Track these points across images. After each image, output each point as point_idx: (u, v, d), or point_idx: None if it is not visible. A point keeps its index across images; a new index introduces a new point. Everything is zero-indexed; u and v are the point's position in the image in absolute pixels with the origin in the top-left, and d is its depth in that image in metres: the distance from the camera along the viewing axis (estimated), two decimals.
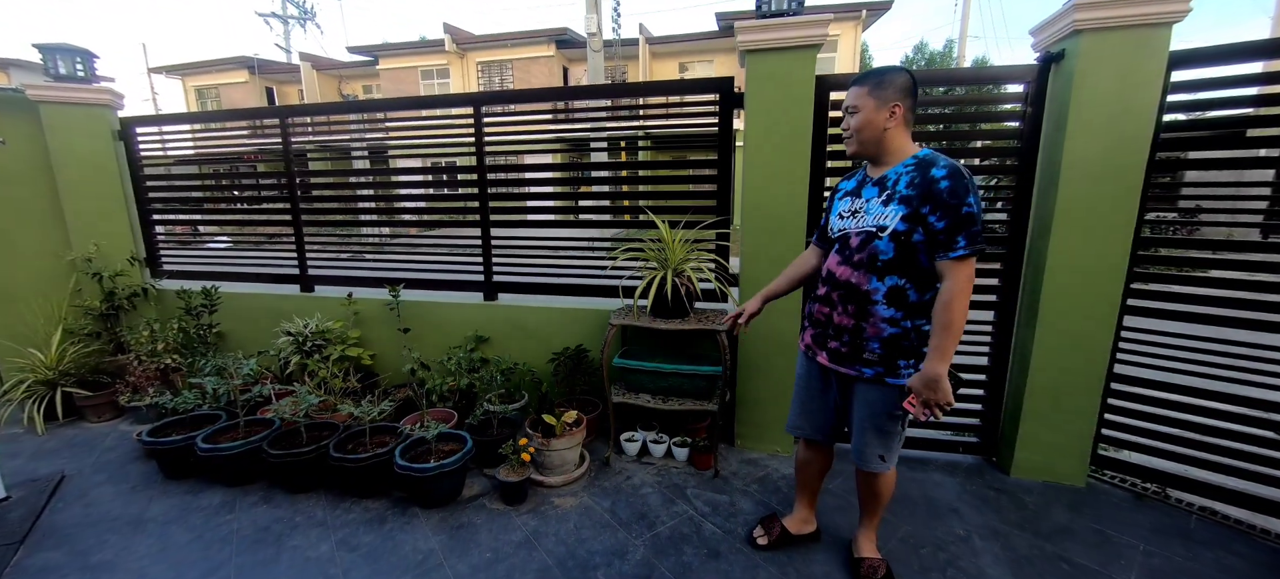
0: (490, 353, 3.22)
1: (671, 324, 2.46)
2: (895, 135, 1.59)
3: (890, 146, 1.60)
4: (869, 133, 1.60)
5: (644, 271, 2.57)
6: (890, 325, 1.58)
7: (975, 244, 1.44)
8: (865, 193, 1.66)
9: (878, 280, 1.58)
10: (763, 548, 2.08)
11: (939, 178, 1.47)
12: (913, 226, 1.51)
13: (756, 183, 2.56)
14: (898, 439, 1.73)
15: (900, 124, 1.58)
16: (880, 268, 1.58)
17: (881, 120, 1.57)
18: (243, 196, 4.11)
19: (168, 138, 3.74)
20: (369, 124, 3.44)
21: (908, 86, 1.57)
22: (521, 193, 3.30)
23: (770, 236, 2.58)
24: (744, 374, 2.78)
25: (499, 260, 3.23)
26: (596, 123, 3.00)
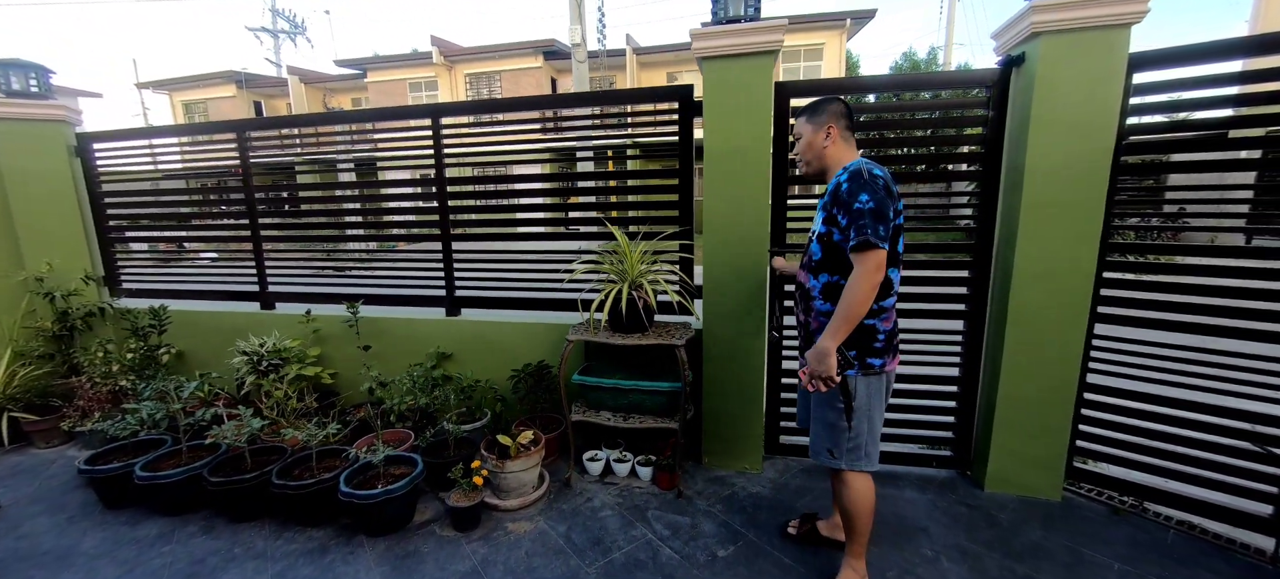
0: (454, 369, 3.12)
1: (629, 339, 2.37)
2: (833, 151, 1.76)
3: (830, 161, 1.77)
4: (810, 152, 1.80)
5: (603, 285, 2.48)
6: (826, 317, 1.70)
7: (863, 234, 1.53)
8: (818, 206, 1.84)
9: (814, 278, 1.76)
10: (790, 537, 2.19)
11: (842, 181, 1.64)
12: (830, 228, 1.68)
13: (717, 192, 2.49)
14: (844, 434, 1.73)
15: (837, 141, 1.75)
16: (814, 266, 1.76)
17: (819, 141, 1.76)
18: (203, 212, 4.01)
19: (126, 153, 3.65)
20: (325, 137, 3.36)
21: (839, 110, 1.77)
22: (483, 205, 3.22)
23: (732, 246, 2.51)
24: (711, 389, 2.69)
25: (461, 275, 3.14)
26: (557, 134, 2.93)
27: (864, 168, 1.60)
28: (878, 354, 1.69)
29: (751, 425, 2.70)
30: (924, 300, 2.54)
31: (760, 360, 2.61)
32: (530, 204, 3.09)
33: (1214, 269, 2.07)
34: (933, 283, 2.55)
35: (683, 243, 2.71)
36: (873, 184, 1.56)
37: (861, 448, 1.74)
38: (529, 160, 2.96)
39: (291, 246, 3.65)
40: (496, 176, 3.13)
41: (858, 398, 1.70)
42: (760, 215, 2.47)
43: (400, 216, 3.58)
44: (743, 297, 2.54)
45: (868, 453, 1.76)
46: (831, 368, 1.57)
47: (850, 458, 1.75)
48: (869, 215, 1.53)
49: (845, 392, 1.67)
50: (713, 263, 2.56)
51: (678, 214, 2.71)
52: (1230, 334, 2.07)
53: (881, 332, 1.69)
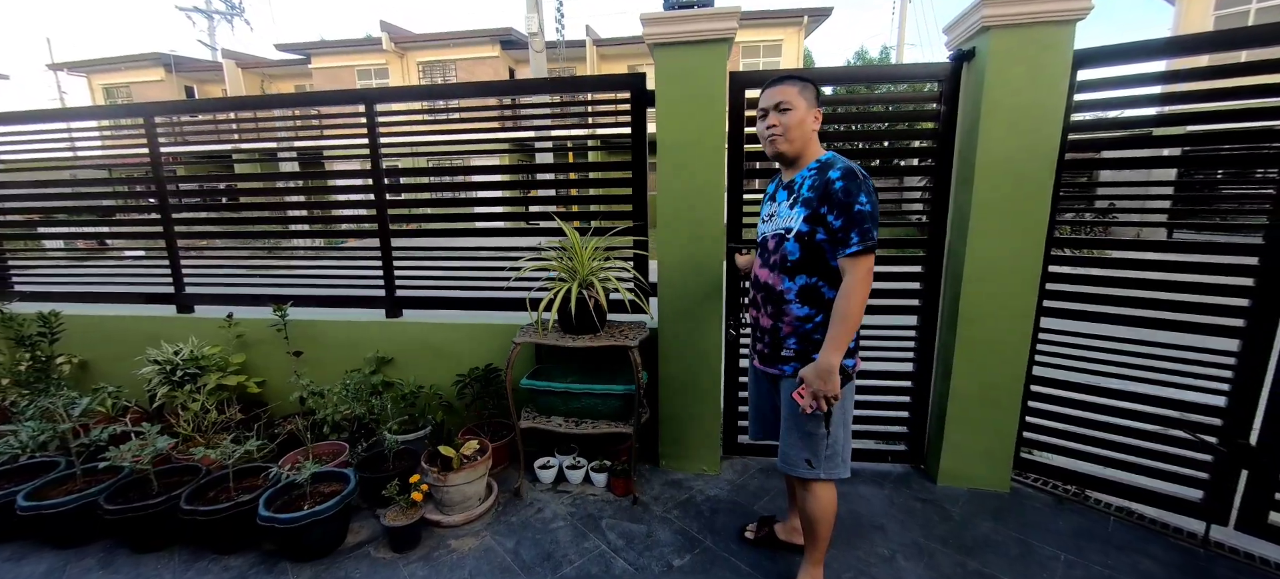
0: (395, 375, 2.92)
1: (580, 341, 2.25)
2: (814, 138, 1.65)
3: (808, 150, 1.65)
4: (799, 133, 1.61)
5: (553, 284, 2.35)
6: (804, 322, 1.62)
7: (867, 240, 1.47)
8: (779, 196, 1.71)
9: (789, 280, 1.63)
10: (748, 542, 2.12)
11: (835, 179, 1.52)
12: (814, 227, 1.56)
13: (671, 186, 2.39)
14: (823, 442, 1.64)
15: (817, 128, 1.65)
16: (790, 268, 1.62)
17: (810, 122, 1.62)
18: (108, 206, 3.61)
19: (15, 139, 3.24)
20: (247, 125, 3.07)
21: (819, 95, 1.67)
22: (426, 199, 3.02)
23: (688, 242, 2.42)
24: (667, 390, 2.60)
25: (402, 274, 2.93)
26: (503, 124, 2.76)
27: (856, 168, 1.52)
28: (851, 355, 1.62)
29: (709, 426, 2.63)
30: (879, 296, 2.52)
31: (717, 359, 2.54)
32: (476, 198, 2.90)
33: (1146, 262, 2.13)
34: (887, 278, 2.53)
35: (637, 239, 2.61)
36: (868, 186, 1.50)
37: (839, 455, 1.66)
38: (474, 151, 2.78)
39: (213, 244, 3.34)
40: (438, 168, 2.93)
41: (833, 407, 1.59)
42: (715, 209, 2.39)
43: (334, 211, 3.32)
44: (698, 294, 2.46)
45: (844, 459, 1.68)
46: (837, 385, 1.49)
47: (829, 466, 1.66)
48: (870, 220, 1.48)
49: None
50: (667, 259, 2.47)
51: (631, 209, 2.60)
52: (1164, 326, 2.13)
53: (857, 336, 1.63)
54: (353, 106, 2.76)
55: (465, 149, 2.79)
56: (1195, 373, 2.07)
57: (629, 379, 2.41)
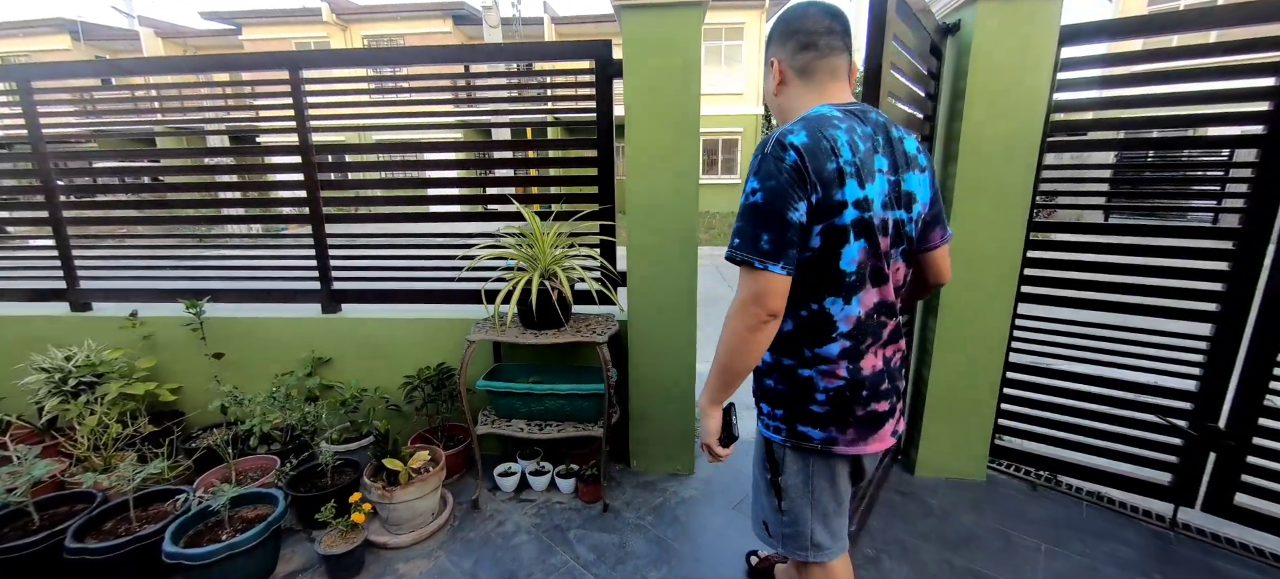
0: (335, 377, 2.62)
1: (542, 338, 2.03)
2: (784, 102, 1.13)
3: (791, 115, 1.09)
4: (772, 109, 1.18)
5: (511, 275, 2.11)
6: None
7: (732, 246, 0.97)
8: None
9: None
10: (753, 568, 1.87)
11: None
12: None
13: (641, 166, 2.19)
14: (773, 507, 1.20)
15: (784, 83, 1.11)
16: None
17: (769, 87, 1.15)
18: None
19: None
20: (160, 98, 2.66)
21: (784, 30, 1.10)
22: (365, 180, 2.70)
23: (658, 230, 2.24)
24: (638, 387, 2.43)
25: (340, 263, 2.62)
26: (453, 94, 2.48)
27: (774, 137, 0.99)
28: (818, 422, 1.09)
29: (683, 423, 2.47)
30: None
31: (691, 353, 2.38)
32: (424, 178, 2.61)
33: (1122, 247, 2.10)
34: None
35: (604, 224, 2.40)
36: (770, 162, 0.96)
37: (802, 536, 1.19)
38: (421, 126, 2.49)
39: (116, 233, 2.90)
40: (382, 145, 2.61)
41: (786, 474, 1.16)
42: (690, 192, 2.21)
43: (255, 195, 2.94)
44: (671, 284, 2.29)
45: (815, 542, 1.19)
46: (708, 433, 1.14)
47: (786, 545, 1.22)
48: (747, 215, 0.98)
49: (772, 461, 1.19)
50: (638, 247, 2.27)
51: (598, 191, 2.39)
52: (1139, 311, 2.12)
53: (820, 389, 1.07)
54: (275, 73, 2.40)
55: (410, 123, 2.49)
56: (1168, 357, 2.06)
57: (597, 377, 2.22)
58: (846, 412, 1.07)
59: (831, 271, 1.00)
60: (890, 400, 1.12)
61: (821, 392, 1.07)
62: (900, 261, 1.12)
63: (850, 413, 1.08)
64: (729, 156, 16.65)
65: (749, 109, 16.06)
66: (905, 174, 1.08)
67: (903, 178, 1.07)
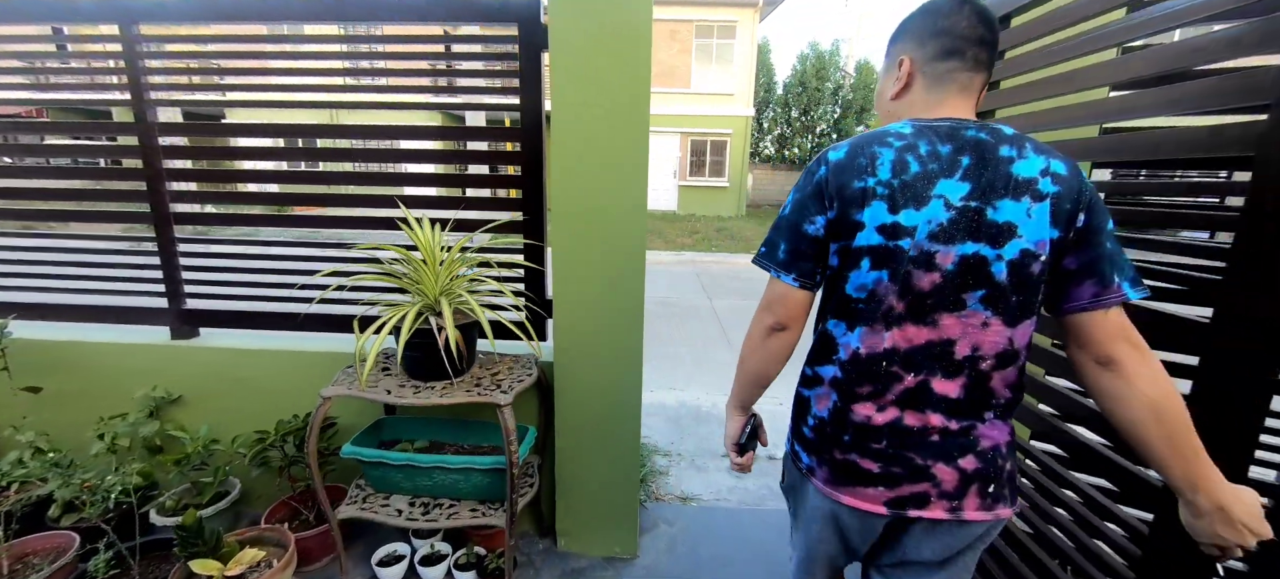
0: (192, 420, 2.06)
1: (424, 398, 1.49)
2: (898, 110, 0.97)
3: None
4: (880, 111, 1.04)
5: (392, 308, 1.57)
6: None
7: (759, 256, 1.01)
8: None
9: None
10: None
11: None
12: None
13: (568, 159, 1.67)
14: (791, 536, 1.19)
15: (908, 88, 0.95)
16: None
17: (887, 89, 1.00)
18: None
19: None
20: None
21: (926, 27, 0.92)
22: (230, 169, 2.14)
23: (592, 243, 1.72)
24: (566, 447, 1.91)
25: (198, 276, 2.06)
26: (335, 65, 1.93)
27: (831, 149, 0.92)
28: (807, 446, 1.02)
29: (625, 492, 1.96)
30: None
31: (636, 403, 1.87)
32: (300, 172, 2.05)
33: None
34: None
35: (530, 240, 1.87)
36: (805, 175, 0.94)
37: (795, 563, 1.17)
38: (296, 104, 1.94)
39: None
40: (243, 126, 2.04)
41: (785, 484, 1.16)
42: (635, 195, 1.69)
43: (80, 184, 2.35)
44: (612, 315, 1.77)
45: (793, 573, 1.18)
46: (727, 437, 1.17)
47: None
48: (775, 224, 0.98)
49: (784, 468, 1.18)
50: (565, 266, 1.75)
51: (521, 195, 1.86)
52: None
53: (812, 412, 1.00)
54: (103, 28, 1.84)
55: (284, 98, 1.94)
56: None
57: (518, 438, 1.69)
58: (825, 447, 0.99)
59: (840, 294, 0.93)
60: (884, 464, 0.93)
61: (812, 416, 1.01)
62: (986, 312, 0.85)
63: (828, 451, 0.99)
64: (718, 159, 16.18)
65: (739, 110, 15.62)
66: (999, 200, 0.82)
67: (990, 204, 0.83)
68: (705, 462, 2.78)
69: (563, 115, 1.64)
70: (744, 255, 10.14)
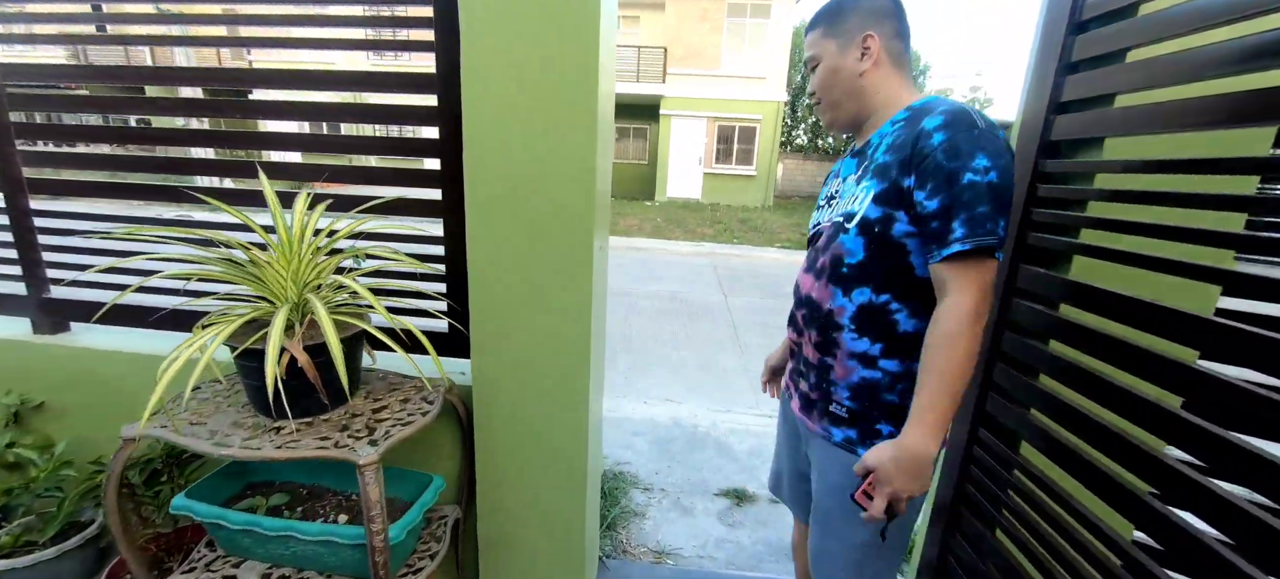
0: (57, 429, 1.71)
1: (250, 449, 1.05)
2: (879, 81, 1.04)
3: (875, 100, 1.05)
4: (838, 88, 1.07)
5: (231, 313, 1.14)
6: (864, 365, 1.02)
7: (980, 233, 0.85)
8: (845, 169, 1.14)
9: (844, 295, 1.03)
10: None
11: (932, 130, 0.90)
12: (891, 209, 0.95)
13: (497, 135, 1.21)
14: (874, 554, 1.07)
15: (883, 62, 1.03)
16: (846, 277, 1.02)
17: (850, 64, 1.04)
18: None
19: None
20: None
21: (886, 7, 1.03)
22: (101, 129, 1.73)
23: (520, 232, 1.26)
24: (491, 498, 1.47)
25: (66, 259, 1.69)
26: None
27: (973, 112, 0.90)
28: None
29: (571, 554, 1.52)
30: None
31: (582, 440, 1.42)
32: (172, 130, 1.63)
33: None
34: None
35: (450, 227, 1.42)
36: (992, 139, 0.88)
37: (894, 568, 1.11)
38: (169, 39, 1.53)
39: None
40: (117, 71, 1.63)
41: None
42: (583, 176, 1.22)
43: None
44: (548, 325, 1.32)
45: None
46: (928, 484, 0.92)
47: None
48: (991, 198, 0.86)
49: None
50: (485, 261, 1.30)
51: (440, 167, 1.40)
52: None
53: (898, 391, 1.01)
54: None
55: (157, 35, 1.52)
56: None
57: (416, 485, 1.26)
58: None
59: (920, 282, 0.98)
60: None
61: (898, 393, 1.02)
62: None
63: None
64: (746, 147, 15.45)
65: (772, 95, 14.82)
66: None
67: None
68: (693, 500, 2.31)
69: (484, 71, 1.18)
70: (768, 249, 9.53)
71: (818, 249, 1.10)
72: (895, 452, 0.90)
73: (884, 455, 0.92)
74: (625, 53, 15.00)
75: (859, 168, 1.06)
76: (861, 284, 1.00)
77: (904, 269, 0.97)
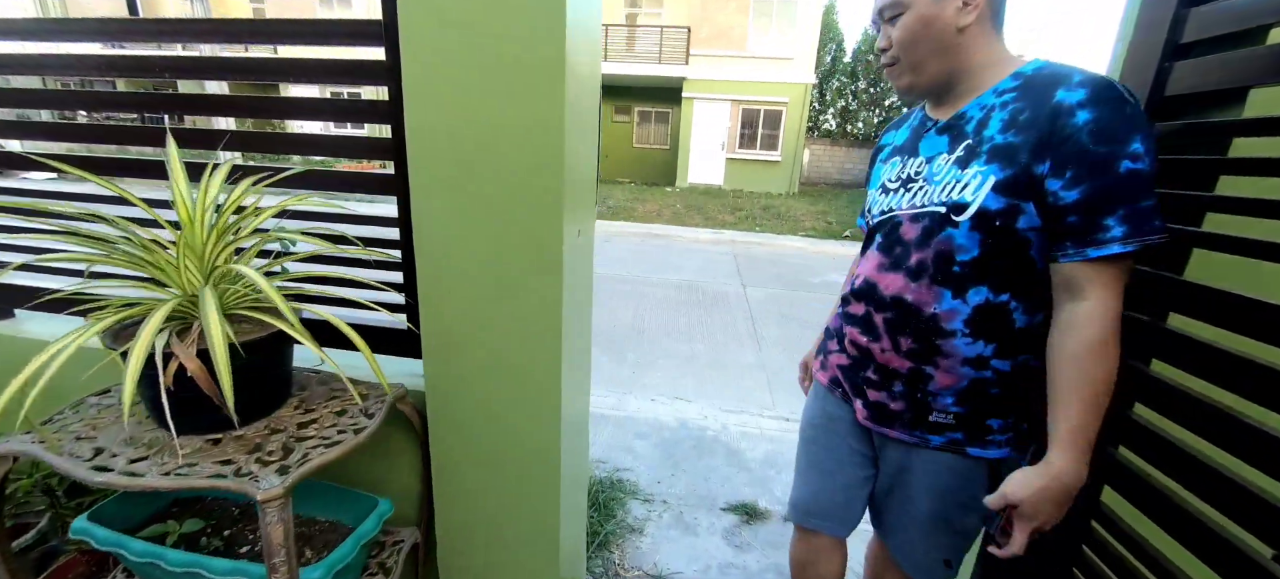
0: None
1: (132, 474, 0.86)
2: (979, 39, 0.90)
3: (971, 62, 0.91)
4: (927, 44, 0.91)
5: (113, 307, 0.95)
6: (977, 368, 0.92)
7: (1146, 232, 0.76)
8: (927, 145, 0.98)
9: (955, 297, 0.91)
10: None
11: (1075, 105, 0.78)
12: (1017, 199, 0.83)
13: (428, 99, 0.98)
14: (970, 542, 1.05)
15: (985, 16, 0.89)
16: (958, 276, 0.90)
17: (948, 15, 0.88)
18: None
19: None
20: None
21: None
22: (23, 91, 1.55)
23: (474, 209, 1.04)
24: (451, 522, 1.27)
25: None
26: None
27: (1118, 85, 0.78)
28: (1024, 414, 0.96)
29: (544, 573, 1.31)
30: None
31: (555, 448, 1.20)
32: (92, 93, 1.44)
33: None
34: None
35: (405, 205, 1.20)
36: (1143, 117, 0.77)
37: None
38: None
39: None
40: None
41: None
42: (550, 155, 0.99)
43: None
44: (515, 324, 1.09)
45: None
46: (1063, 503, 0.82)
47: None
48: (1147, 187, 0.76)
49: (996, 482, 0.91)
50: (441, 255, 1.08)
51: (391, 134, 1.18)
52: None
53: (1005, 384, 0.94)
54: None
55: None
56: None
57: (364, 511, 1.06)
58: None
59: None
60: None
61: None
62: None
63: None
64: (771, 131, 14.94)
65: (799, 77, 14.26)
66: None
67: None
68: (697, 515, 2.08)
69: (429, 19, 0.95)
70: (791, 237, 9.16)
71: (905, 243, 0.96)
72: (1045, 483, 0.81)
73: (1032, 488, 0.82)
74: (647, 33, 14.60)
75: (954, 146, 0.92)
76: (978, 283, 0.89)
77: (1026, 265, 0.87)
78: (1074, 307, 0.81)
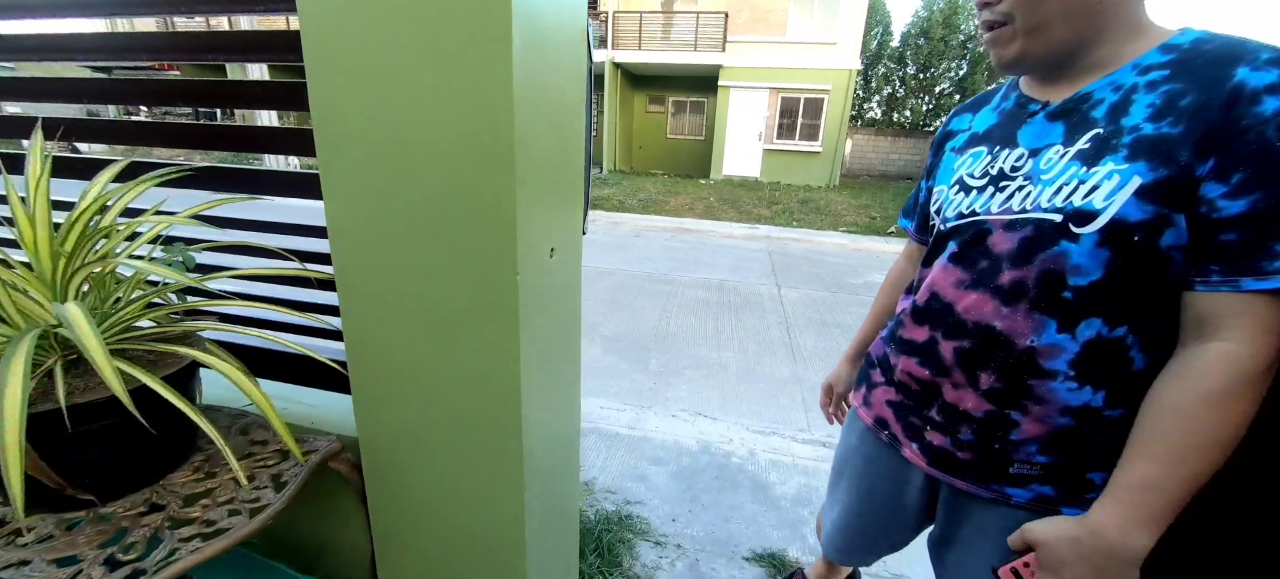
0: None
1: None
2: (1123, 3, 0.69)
3: (1109, 26, 0.70)
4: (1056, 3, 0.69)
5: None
6: (1079, 418, 0.73)
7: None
8: (1027, 135, 0.78)
9: (1061, 331, 0.72)
10: None
11: (1259, 88, 0.59)
12: (1168, 209, 0.64)
13: (338, 66, 0.72)
14: None
15: None
16: (1069, 303, 0.71)
17: None
18: None
19: None
20: None
21: None
22: None
23: (401, 221, 0.78)
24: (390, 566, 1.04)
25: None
26: None
27: None
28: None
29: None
30: None
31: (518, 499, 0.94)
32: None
33: None
34: None
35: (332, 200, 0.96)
36: None
37: None
38: None
39: None
40: None
41: None
42: (498, 147, 0.71)
43: None
44: (463, 357, 0.84)
45: None
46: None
47: None
48: None
49: None
50: (360, 273, 0.83)
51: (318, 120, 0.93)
52: None
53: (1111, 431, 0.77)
54: None
55: None
56: None
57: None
58: None
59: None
60: None
61: None
62: None
63: None
64: (811, 121, 14.29)
65: (843, 63, 13.55)
66: None
67: None
68: (716, 564, 1.80)
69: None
70: (831, 233, 8.66)
71: (995, 256, 0.77)
72: (1079, 533, 0.68)
73: (1061, 534, 0.70)
74: (683, 20, 14.16)
75: (1073, 136, 0.72)
76: (1092, 315, 0.70)
77: (1157, 291, 0.68)
78: (1202, 349, 0.63)
